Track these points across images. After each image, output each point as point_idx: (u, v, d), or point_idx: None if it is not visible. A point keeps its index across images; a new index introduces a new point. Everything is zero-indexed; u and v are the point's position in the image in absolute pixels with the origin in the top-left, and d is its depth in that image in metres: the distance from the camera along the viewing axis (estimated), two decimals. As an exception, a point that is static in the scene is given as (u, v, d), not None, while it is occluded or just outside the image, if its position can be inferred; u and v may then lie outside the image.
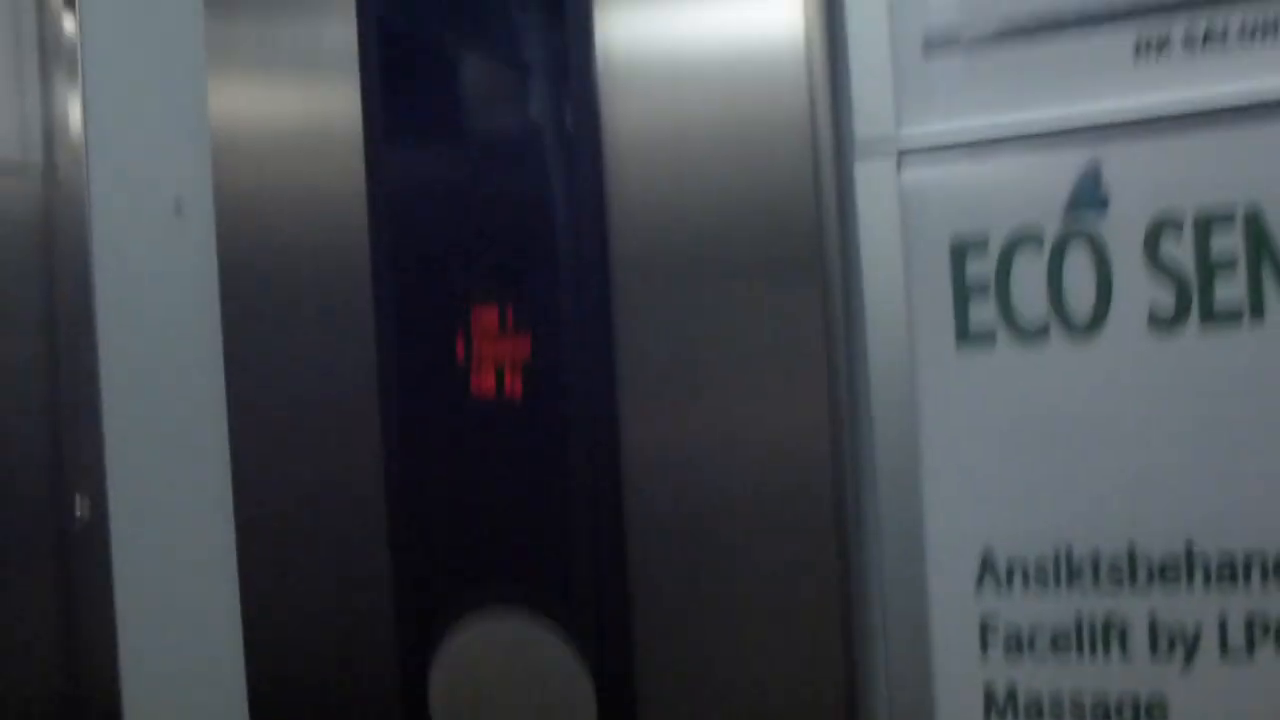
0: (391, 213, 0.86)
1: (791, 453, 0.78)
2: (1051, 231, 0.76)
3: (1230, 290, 0.72)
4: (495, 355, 0.83)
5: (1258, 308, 0.71)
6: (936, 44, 0.79)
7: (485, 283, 0.84)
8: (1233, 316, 0.72)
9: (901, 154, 0.79)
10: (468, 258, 0.84)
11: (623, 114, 0.81)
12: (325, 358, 0.89)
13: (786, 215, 0.78)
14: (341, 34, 0.88)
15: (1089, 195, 0.75)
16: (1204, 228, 0.73)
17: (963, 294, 0.78)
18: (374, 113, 0.86)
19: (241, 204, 0.93)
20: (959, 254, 0.78)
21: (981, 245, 0.78)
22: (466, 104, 0.86)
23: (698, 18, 0.80)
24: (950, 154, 0.78)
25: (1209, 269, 0.73)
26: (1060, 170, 0.76)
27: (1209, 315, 0.73)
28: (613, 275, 0.82)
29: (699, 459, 0.80)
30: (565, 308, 0.82)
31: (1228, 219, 0.72)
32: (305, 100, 0.91)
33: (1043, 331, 0.76)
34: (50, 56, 1.93)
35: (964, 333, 0.77)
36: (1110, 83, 0.75)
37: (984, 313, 0.77)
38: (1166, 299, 0.73)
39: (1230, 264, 0.72)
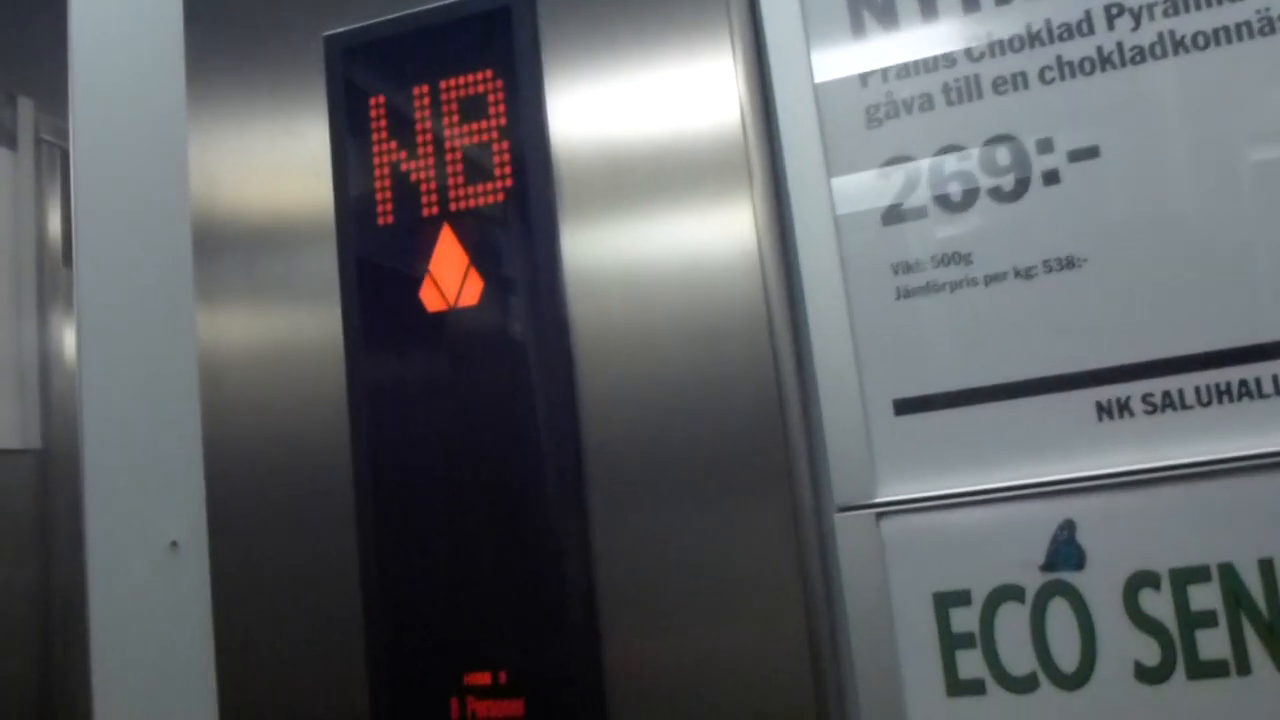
0: (374, 421, 0.88)
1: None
2: (1032, 587, 0.78)
3: (1213, 644, 0.74)
4: None
5: (1243, 662, 0.73)
6: (906, 406, 0.80)
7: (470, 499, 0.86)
8: (1218, 669, 0.74)
9: (879, 513, 0.80)
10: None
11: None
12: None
13: (769, 565, 0.80)
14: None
15: (1065, 554, 0.77)
16: (1181, 584, 0.75)
17: (949, 646, 0.79)
18: (354, 339, 0.89)
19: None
20: (943, 606, 0.79)
21: (964, 597, 0.79)
22: (444, 326, 0.88)
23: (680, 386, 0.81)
24: (927, 511, 0.79)
25: (1190, 623, 0.75)
26: (1035, 527, 0.78)
27: (1194, 667, 0.74)
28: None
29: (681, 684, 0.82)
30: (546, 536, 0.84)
31: (1203, 575, 0.74)
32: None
33: (1031, 680, 0.77)
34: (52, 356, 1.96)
35: (954, 681, 0.79)
36: (1076, 443, 0.77)
37: (972, 662, 0.79)
38: (1151, 651, 0.75)
39: (1211, 618, 0.74)
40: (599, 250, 0.82)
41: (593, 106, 0.82)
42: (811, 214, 0.83)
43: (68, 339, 2.09)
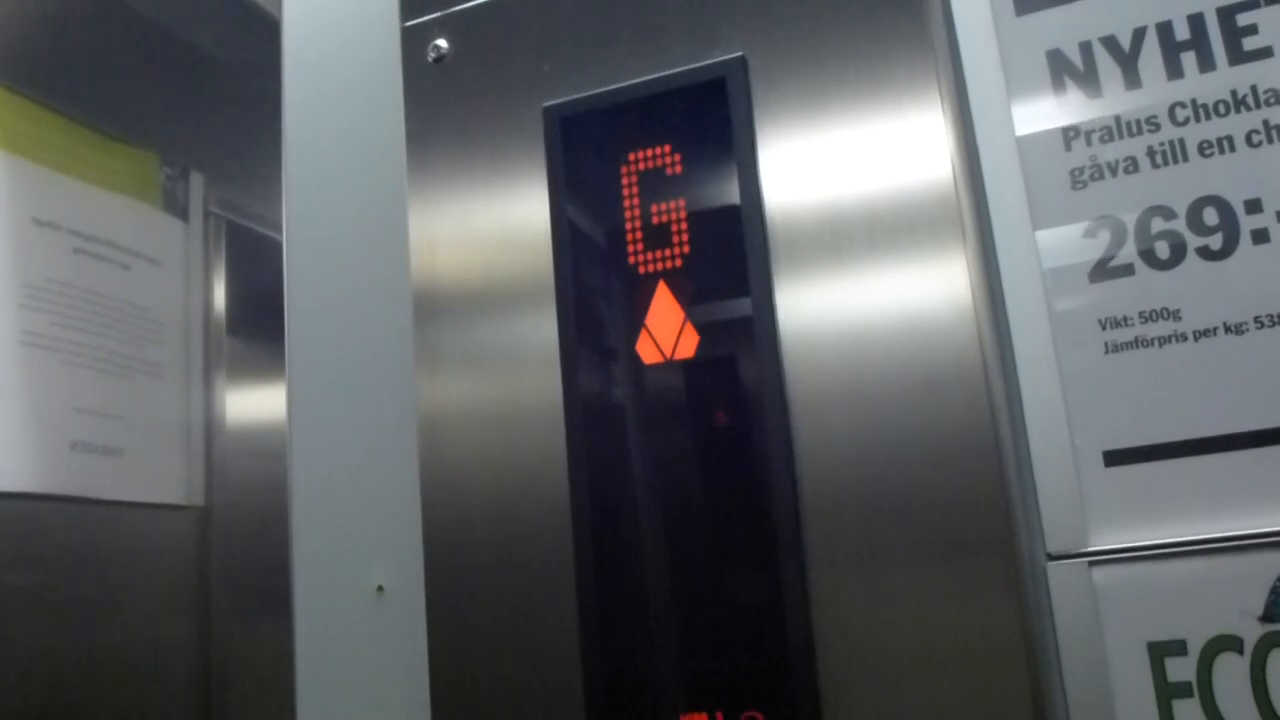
0: (592, 469, 0.93)
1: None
2: (1251, 637, 0.79)
3: None
4: None
5: None
6: (1116, 458, 0.82)
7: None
8: None
9: (1091, 561, 0.82)
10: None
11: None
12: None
13: (988, 616, 0.82)
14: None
15: (1285, 606, 0.78)
16: None
17: (1165, 695, 0.80)
18: (573, 394, 0.94)
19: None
20: (1158, 657, 0.81)
21: (1180, 647, 0.80)
22: (660, 378, 0.92)
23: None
24: (1139, 561, 0.81)
25: None
26: (1252, 578, 0.79)
27: None
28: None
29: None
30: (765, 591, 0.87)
31: None
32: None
33: (1254, 733, 0.78)
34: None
35: (1171, 732, 0.80)
36: (1292, 495, 0.78)
37: (1190, 713, 0.80)
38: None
39: None
40: (814, 306, 0.85)
41: (805, 162, 0.87)
42: (1020, 270, 0.86)
43: (230, 404, 2.19)
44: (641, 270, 0.93)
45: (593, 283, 0.95)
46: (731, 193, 0.92)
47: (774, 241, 0.90)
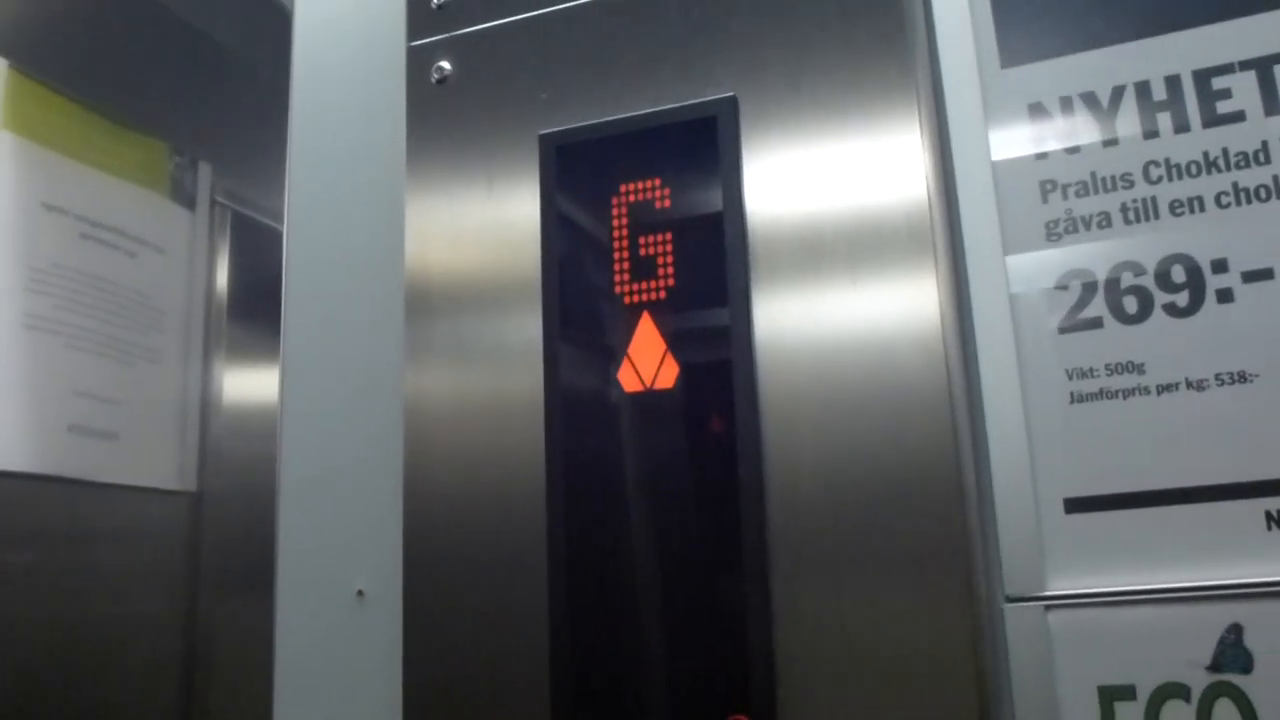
0: (569, 484, 0.96)
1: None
2: (1198, 686, 0.82)
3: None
4: None
5: None
6: (1076, 505, 0.85)
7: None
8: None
9: (1048, 605, 0.85)
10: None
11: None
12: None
13: (942, 647, 0.85)
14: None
15: (1232, 657, 0.81)
16: (1350, 695, 0.78)
17: (1114, 738, 0.84)
18: (555, 416, 0.98)
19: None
20: (1108, 700, 0.84)
21: (1129, 691, 0.83)
22: (639, 407, 0.95)
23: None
24: (1093, 606, 0.84)
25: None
26: (1202, 628, 0.82)
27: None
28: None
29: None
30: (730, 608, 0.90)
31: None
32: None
33: (1197, 777, 0.81)
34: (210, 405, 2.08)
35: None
36: (1244, 550, 0.81)
37: (1136, 757, 0.83)
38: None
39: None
40: (791, 344, 0.88)
41: (790, 196, 0.89)
42: (993, 326, 0.89)
43: (226, 386, 2.22)
44: (627, 300, 0.96)
45: (579, 309, 0.98)
46: (717, 228, 0.94)
47: (755, 269, 0.92)
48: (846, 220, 0.90)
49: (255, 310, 2.24)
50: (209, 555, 2.11)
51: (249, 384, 2.23)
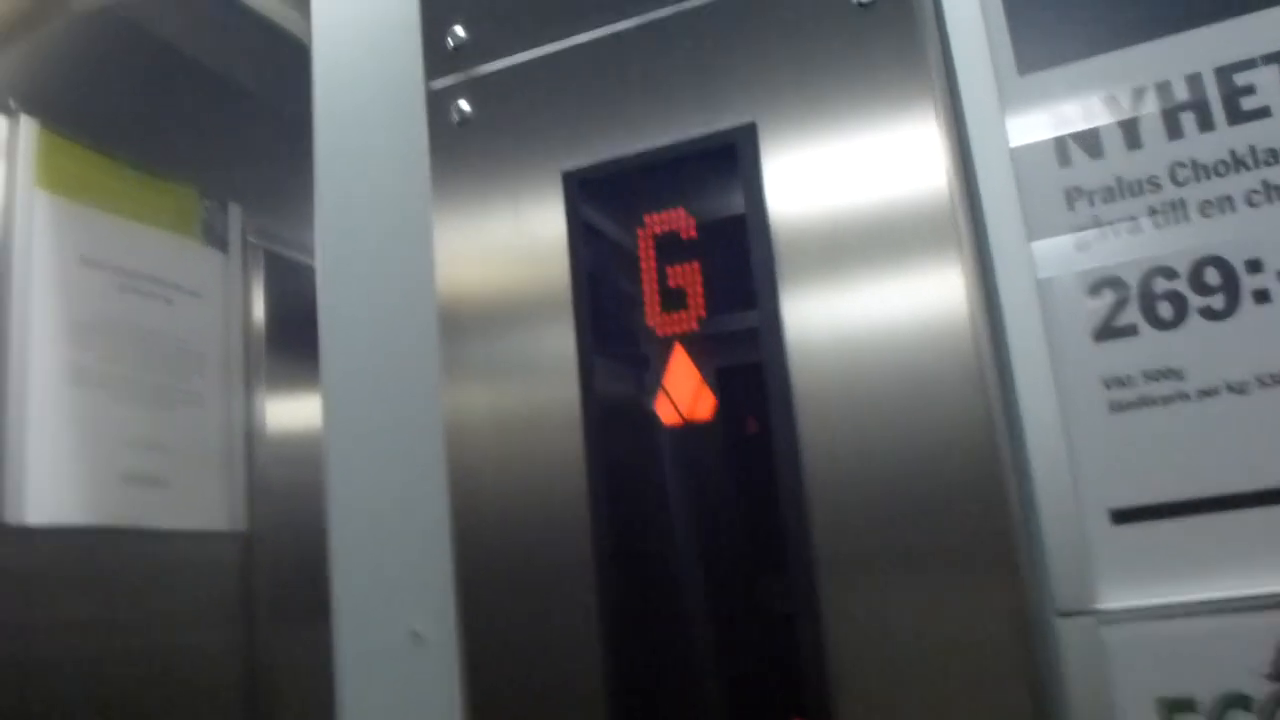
0: (614, 512, 0.97)
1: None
2: (1259, 696, 0.81)
3: None
4: None
5: None
6: (1123, 516, 0.84)
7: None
8: None
9: (1100, 620, 0.84)
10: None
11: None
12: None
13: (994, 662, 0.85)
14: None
15: (1291, 664, 0.80)
16: None
17: (1176, 751, 0.83)
18: (595, 455, 0.98)
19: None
20: (1167, 713, 0.83)
21: (1189, 704, 0.82)
22: (678, 441, 0.96)
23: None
24: (1148, 619, 0.83)
25: None
26: (1258, 637, 0.80)
27: None
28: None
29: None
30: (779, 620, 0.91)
31: None
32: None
33: (1263, 789, 0.80)
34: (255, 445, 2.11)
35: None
36: (1298, 555, 0.80)
37: (1199, 768, 0.82)
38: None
39: None
40: (820, 364, 0.88)
41: (813, 216, 0.89)
42: (1027, 332, 0.88)
43: (270, 419, 2.24)
44: (660, 332, 0.96)
45: (612, 344, 0.98)
46: (744, 255, 0.95)
47: (783, 287, 0.93)
48: (873, 239, 0.90)
49: (293, 342, 2.27)
50: (264, 590, 2.14)
51: (292, 415, 2.25)
